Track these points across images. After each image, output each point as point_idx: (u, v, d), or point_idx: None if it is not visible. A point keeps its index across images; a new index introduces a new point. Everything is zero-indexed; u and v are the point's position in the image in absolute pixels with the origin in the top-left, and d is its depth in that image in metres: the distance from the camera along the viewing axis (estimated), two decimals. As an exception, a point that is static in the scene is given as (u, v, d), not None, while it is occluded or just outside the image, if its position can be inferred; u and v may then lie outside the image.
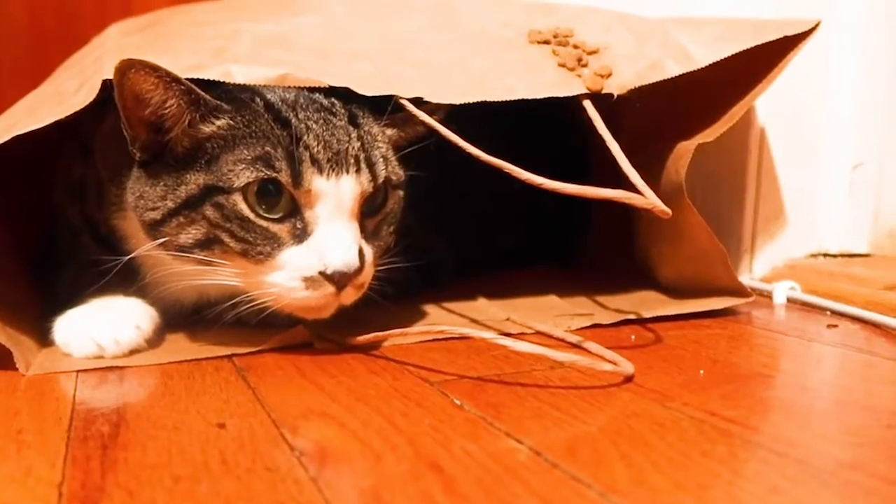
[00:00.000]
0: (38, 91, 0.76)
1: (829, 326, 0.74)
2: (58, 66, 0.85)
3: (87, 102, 0.62)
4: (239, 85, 0.64)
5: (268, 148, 0.61)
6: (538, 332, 0.71)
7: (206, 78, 0.63)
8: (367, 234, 0.65)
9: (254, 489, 0.40)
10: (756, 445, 0.45)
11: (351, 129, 0.64)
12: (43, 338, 0.68)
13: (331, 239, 0.62)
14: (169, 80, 0.60)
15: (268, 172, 0.61)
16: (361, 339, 0.66)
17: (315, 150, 0.61)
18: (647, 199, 0.63)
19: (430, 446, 0.45)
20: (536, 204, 0.98)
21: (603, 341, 0.65)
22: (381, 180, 0.65)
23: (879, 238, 1.00)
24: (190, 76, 0.62)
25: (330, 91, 0.65)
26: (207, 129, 0.62)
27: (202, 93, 0.61)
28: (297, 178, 0.61)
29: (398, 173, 0.68)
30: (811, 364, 0.66)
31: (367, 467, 0.43)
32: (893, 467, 0.42)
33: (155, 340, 0.68)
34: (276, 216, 0.62)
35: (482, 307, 0.81)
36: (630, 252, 0.91)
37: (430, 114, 0.67)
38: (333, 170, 0.62)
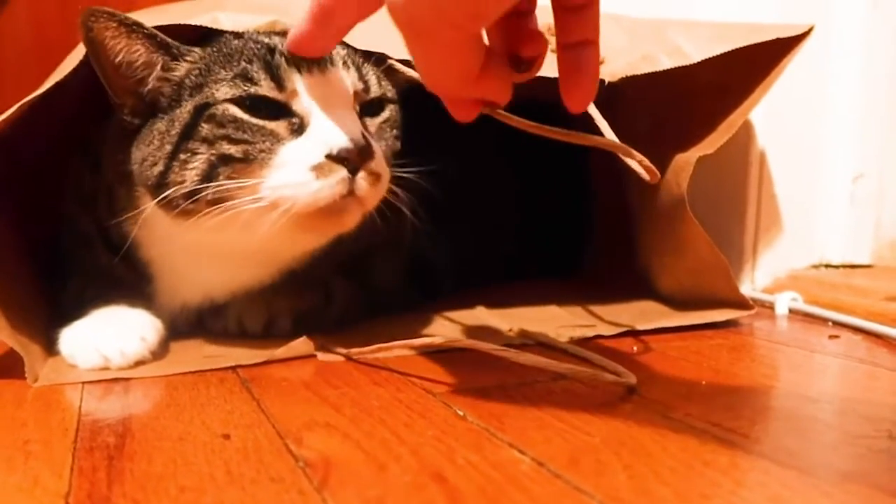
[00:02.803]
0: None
1: (830, 337, 0.75)
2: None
3: (80, 57, 0.62)
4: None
5: (244, 63, 0.61)
6: (540, 344, 0.71)
7: (193, 24, 0.64)
8: (370, 133, 0.64)
9: (258, 499, 0.41)
10: (758, 455, 0.45)
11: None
12: (50, 346, 0.68)
13: (329, 123, 0.61)
14: (130, 24, 0.60)
15: (247, 87, 0.61)
16: (364, 350, 0.66)
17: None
18: (640, 157, 0.60)
19: (433, 457, 0.45)
20: (538, 215, 0.98)
21: (605, 352, 0.65)
22: (374, 90, 0.65)
23: (881, 249, 1.00)
24: (177, 22, 0.63)
25: None
26: (183, 67, 0.63)
27: (167, 38, 0.61)
28: (278, 82, 0.61)
29: (390, 89, 0.68)
30: (813, 375, 0.66)
31: (371, 478, 0.43)
32: (895, 478, 0.42)
33: (160, 352, 0.69)
34: (270, 117, 0.61)
35: (484, 318, 0.81)
36: (631, 263, 0.91)
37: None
38: (317, 66, 0.61)
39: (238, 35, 0.64)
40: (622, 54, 0.75)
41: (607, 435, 0.48)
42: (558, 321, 0.79)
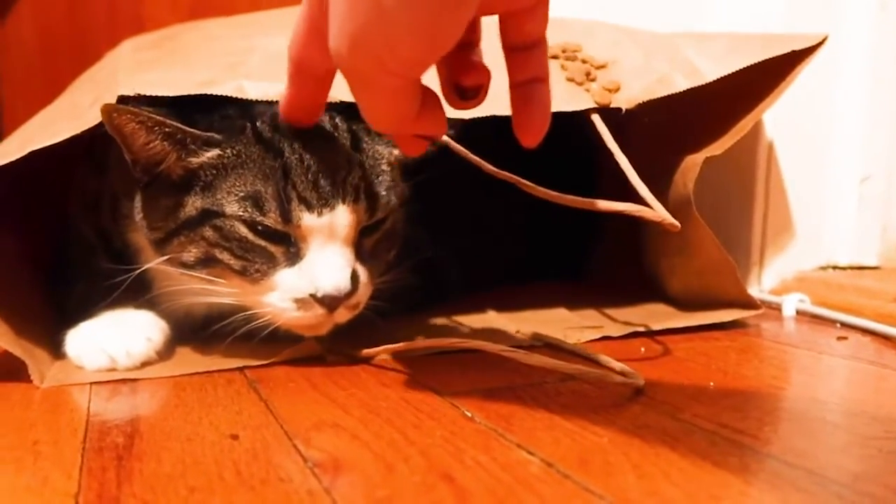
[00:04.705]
0: (53, 106, 0.77)
1: (838, 339, 0.74)
2: (69, 82, 0.86)
3: (101, 118, 0.62)
4: (240, 108, 0.64)
5: (258, 186, 0.61)
6: (548, 345, 0.71)
7: (218, 94, 0.63)
8: (364, 253, 0.65)
9: (268, 500, 0.41)
10: (767, 456, 0.45)
11: (353, 154, 0.63)
12: (56, 350, 0.68)
13: (322, 263, 0.62)
14: (151, 124, 0.60)
15: (255, 215, 0.61)
16: (372, 351, 0.66)
17: (303, 187, 0.61)
18: (657, 212, 0.63)
19: (442, 458, 0.45)
20: (545, 217, 0.98)
21: (613, 353, 0.65)
22: (380, 213, 0.64)
23: (889, 250, 1.00)
24: (203, 91, 0.63)
25: (337, 108, 0.65)
26: (197, 160, 0.62)
27: (189, 130, 0.61)
28: (285, 216, 0.61)
29: (400, 193, 0.67)
30: (821, 376, 0.66)
31: (380, 478, 0.43)
32: (905, 478, 0.42)
33: (165, 353, 0.69)
34: (271, 240, 0.62)
35: (492, 319, 0.81)
36: (639, 265, 0.91)
37: None
38: (325, 205, 0.61)
39: (259, 136, 0.63)
40: (638, 76, 0.76)
41: (616, 436, 0.48)
42: (566, 323, 0.79)
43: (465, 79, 0.49)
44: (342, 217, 0.62)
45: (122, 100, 0.62)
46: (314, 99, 0.57)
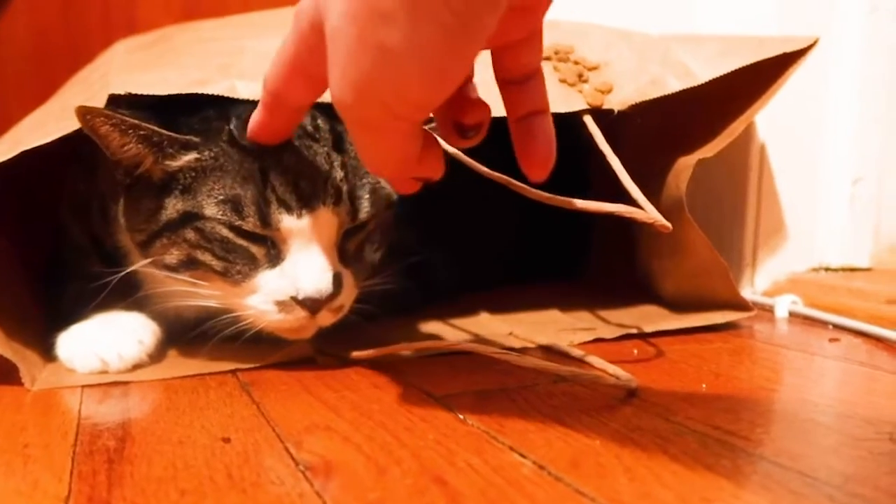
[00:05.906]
0: (45, 107, 0.77)
1: (831, 340, 0.75)
2: (63, 83, 0.86)
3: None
4: (219, 109, 0.64)
5: (237, 190, 0.61)
6: (541, 347, 0.71)
7: (211, 93, 0.63)
8: (348, 255, 0.65)
9: (259, 503, 0.40)
10: (759, 458, 0.45)
11: (334, 155, 0.62)
12: (47, 352, 0.68)
13: (303, 265, 0.62)
14: (125, 127, 0.60)
15: (233, 219, 0.61)
16: (364, 353, 0.66)
17: (282, 190, 0.60)
18: (649, 213, 0.63)
19: (434, 460, 0.45)
20: (538, 218, 0.98)
21: (605, 355, 0.65)
22: (363, 215, 0.64)
23: (880, 252, 1.00)
24: (195, 90, 0.62)
25: (318, 108, 0.62)
26: (175, 163, 0.62)
27: (165, 133, 0.61)
28: (264, 220, 0.61)
29: (387, 196, 0.67)
30: (813, 378, 0.66)
31: (372, 481, 0.43)
32: (896, 480, 0.42)
33: (157, 355, 0.68)
34: (252, 240, 0.62)
35: (485, 321, 0.81)
36: (631, 266, 0.91)
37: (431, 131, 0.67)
38: (305, 207, 0.61)
39: (237, 138, 0.62)
40: (631, 79, 0.76)
41: (608, 438, 0.48)
42: (559, 324, 0.79)
43: (467, 118, 0.48)
44: (323, 219, 0.62)
45: (110, 100, 0.62)
46: (286, 126, 0.57)
